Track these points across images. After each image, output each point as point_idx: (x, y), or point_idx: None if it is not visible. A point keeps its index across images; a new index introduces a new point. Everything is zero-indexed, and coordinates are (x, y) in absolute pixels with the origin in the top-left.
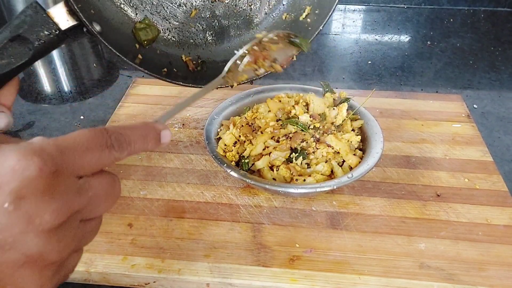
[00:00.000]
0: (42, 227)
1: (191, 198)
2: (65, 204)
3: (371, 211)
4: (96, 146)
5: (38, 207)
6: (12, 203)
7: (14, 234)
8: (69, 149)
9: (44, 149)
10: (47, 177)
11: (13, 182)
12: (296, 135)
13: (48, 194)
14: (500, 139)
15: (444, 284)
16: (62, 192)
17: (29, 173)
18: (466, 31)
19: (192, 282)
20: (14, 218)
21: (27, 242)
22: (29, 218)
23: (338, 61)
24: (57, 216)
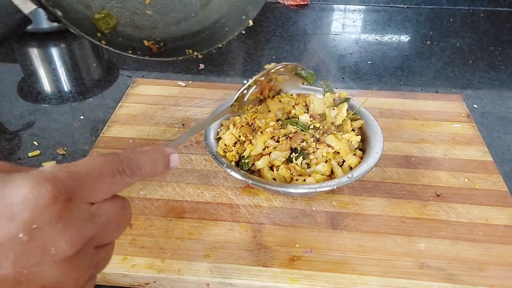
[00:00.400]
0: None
1: (191, 198)
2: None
3: (371, 211)
4: (108, 173)
5: (53, 236)
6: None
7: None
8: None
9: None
10: (61, 205)
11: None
12: (296, 135)
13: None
14: (500, 139)
15: (444, 284)
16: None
17: (43, 201)
18: (466, 31)
19: (192, 282)
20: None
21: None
22: (44, 248)
23: (338, 61)
24: (72, 244)
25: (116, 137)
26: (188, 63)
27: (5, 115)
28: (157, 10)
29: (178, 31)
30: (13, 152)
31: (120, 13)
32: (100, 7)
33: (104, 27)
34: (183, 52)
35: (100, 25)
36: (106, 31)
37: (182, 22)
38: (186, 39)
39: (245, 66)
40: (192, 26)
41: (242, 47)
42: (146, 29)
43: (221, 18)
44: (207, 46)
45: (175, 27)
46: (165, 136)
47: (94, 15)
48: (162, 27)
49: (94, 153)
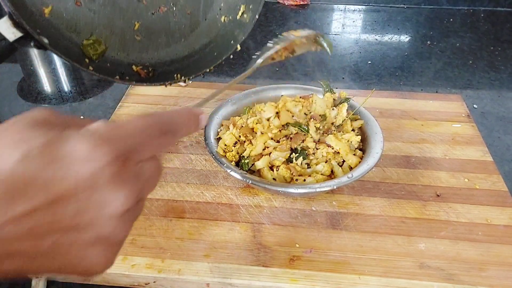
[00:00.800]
0: (113, 212)
1: (191, 198)
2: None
3: (371, 211)
4: (154, 133)
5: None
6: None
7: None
8: (133, 137)
9: (112, 138)
10: (118, 165)
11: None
12: (296, 136)
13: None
14: (500, 139)
15: (444, 284)
16: (129, 179)
17: (103, 162)
18: (466, 31)
19: (192, 282)
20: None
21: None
22: (101, 204)
23: (338, 61)
24: (126, 201)
25: None
26: None
27: (5, 115)
28: (146, 35)
29: (167, 56)
30: None
31: (109, 38)
32: (89, 33)
33: (92, 52)
34: (171, 76)
35: (88, 51)
36: (94, 57)
37: (171, 47)
38: (175, 63)
39: (245, 66)
40: (181, 50)
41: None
42: (134, 54)
43: (210, 42)
44: (195, 71)
45: (164, 51)
46: None
47: (83, 41)
48: (151, 52)
49: None
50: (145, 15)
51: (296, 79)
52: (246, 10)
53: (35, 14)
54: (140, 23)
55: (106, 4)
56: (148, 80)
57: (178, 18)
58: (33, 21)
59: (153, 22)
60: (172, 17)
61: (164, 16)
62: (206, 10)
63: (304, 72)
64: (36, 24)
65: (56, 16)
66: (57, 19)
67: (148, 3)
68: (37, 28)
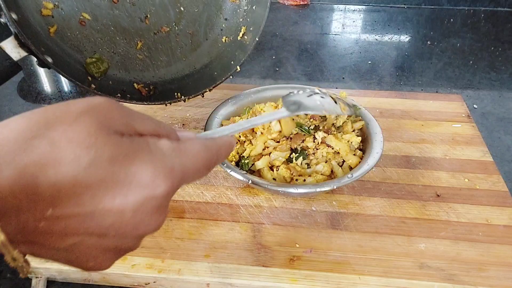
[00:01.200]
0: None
1: (191, 198)
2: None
3: (371, 211)
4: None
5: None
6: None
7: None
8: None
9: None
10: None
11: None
12: (296, 136)
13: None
14: (500, 139)
15: (444, 284)
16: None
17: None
18: (466, 31)
19: (192, 282)
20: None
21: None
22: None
23: (338, 61)
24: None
25: None
26: None
27: (5, 115)
28: (148, 54)
29: (168, 74)
30: None
31: (111, 57)
32: (92, 52)
33: (95, 71)
34: (172, 95)
35: (91, 69)
36: (97, 74)
37: (173, 66)
38: (176, 82)
39: (245, 66)
40: (182, 69)
41: None
42: (136, 72)
43: (210, 62)
44: (195, 90)
45: (165, 70)
46: None
47: (86, 59)
48: (153, 70)
49: None
50: (147, 34)
51: (296, 79)
52: (247, 32)
53: (41, 34)
54: (142, 42)
55: (110, 24)
56: (149, 98)
57: (180, 38)
58: (38, 40)
59: (155, 42)
60: (174, 37)
61: (166, 36)
62: (207, 30)
63: (304, 72)
64: (41, 44)
65: (61, 36)
66: (62, 38)
67: (151, 23)
68: (42, 47)
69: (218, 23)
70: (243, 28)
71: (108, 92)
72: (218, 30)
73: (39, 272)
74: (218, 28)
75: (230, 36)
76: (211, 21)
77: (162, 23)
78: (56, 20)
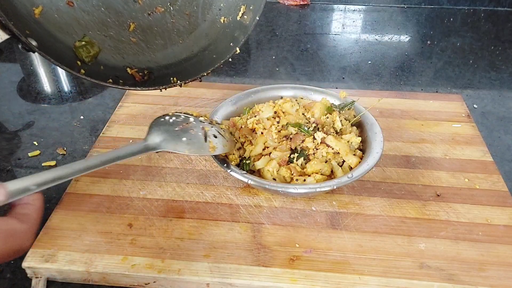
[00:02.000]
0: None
1: (191, 198)
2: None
3: (371, 211)
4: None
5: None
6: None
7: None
8: None
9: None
10: None
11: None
12: (296, 136)
13: None
14: (500, 139)
15: (444, 284)
16: None
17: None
18: (466, 31)
19: (192, 282)
20: None
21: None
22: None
23: (338, 61)
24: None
25: (116, 137)
26: None
27: (5, 115)
28: (142, 37)
29: (164, 59)
30: (13, 152)
31: (102, 40)
32: (81, 35)
33: (85, 55)
34: (167, 80)
35: (81, 53)
36: (87, 59)
37: (169, 49)
38: (172, 67)
39: (245, 66)
40: (179, 53)
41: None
42: (130, 56)
43: (209, 44)
44: (192, 74)
45: (161, 54)
46: None
47: (75, 42)
48: (147, 54)
49: (94, 153)
50: (141, 16)
51: (296, 79)
52: (246, 11)
53: (24, 15)
54: (135, 24)
55: (100, 4)
56: (143, 84)
57: (176, 19)
58: (22, 22)
59: (149, 24)
60: (169, 18)
61: (161, 17)
62: (205, 10)
63: (304, 72)
64: (25, 26)
65: (47, 17)
66: (48, 20)
67: (144, 4)
68: (26, 30)
69: (216, 3)
70: (242, 7)
71: (100, 77)
72: (216, 10)
73: (39, 272)
74: (216, 7)
75: (229, 16)
76: (209, 0)
77: (157, 3)
78: (42, 1)
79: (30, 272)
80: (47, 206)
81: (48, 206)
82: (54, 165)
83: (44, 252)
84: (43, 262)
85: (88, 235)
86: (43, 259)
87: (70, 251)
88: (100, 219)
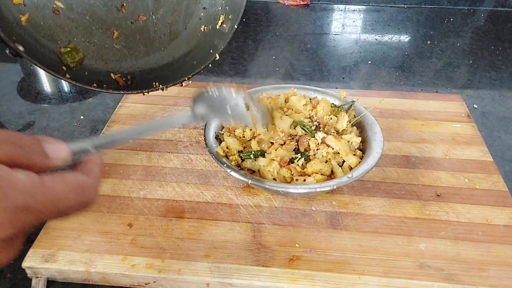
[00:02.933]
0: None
1: (191, 198)
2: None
3: (371, 211)
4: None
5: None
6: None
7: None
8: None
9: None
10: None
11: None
12: (301, 138)
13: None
14: (500, 139)
15: (444, 284)
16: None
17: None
18: (466, 31)
19: (192, 282)
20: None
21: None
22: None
23: (338, 61)
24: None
25: None
26: None
27: (5, 115)
28: (125, 44)
29: (147, 64)
30: None
31: (87, 47)
32: (67, 41)
33: (70, 60)
34: (150, 85)
35: (66, 59)
36: (72, 64)
37: (151, 55)
38: (154, 72)
39: (245, 66)
40: (160, 59)
41: (242, 47)
42: (113, 62)
43: (189, 51)
44: (174, 79)
45: (144, 60)
46: (165, 136)
47: (60, 48)
48: (130, 60)
49: None
50: (124, 24)
51: (296, 79)
52: (225, 20)
53: (12, 22)
54: (119, 31)
55: (85, 13)
56: (126, 88)
57: (158, 27)
58: (9, 28)
59: (132, 31)
60: (152, 26)
61: (144, 25)
62: (186, 19)
63: (303, 72)
64: (13, 32)
65: (33, 24)
66: (34, 27)
67: (128, 12)
68: (14, 36)
69: (197, 12)
70: (222, 16)
71: (84, 82)
72: (197, 19)
73: (39, 272)
74: (196, 17)
75: (209, 25)
76: (190, 10)
77: (139, 12)
78: (28, 9)
79: (30, 272)
80: None
81: None
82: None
83: (44, 252)
84: (43, 262)
85: (88, 235)
86: (43, 259)
87: (70, 251)
88: (100, 219)
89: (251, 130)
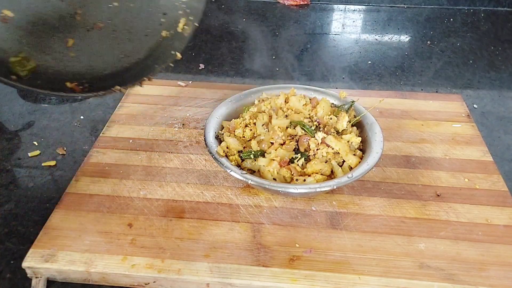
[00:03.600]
0: None
1: (191, 198)
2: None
3: (371, 211)
4: None
5: None
6: None
7: None
8: None
9: None
10: None
11: None
12: (301, 138)
13: None
14: (500, 139)
15: (444, 284)
16: None
17: None
18: (466, 31)
19: (192, 282)
20: None
21: None
22: None
23: (338, 61)
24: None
25: (116, 137)
26: (188, 63)
27: (5, 115)
28: (81, 51)
29: (105, 71)
30: (13, 152)
31: (40, 56)
32: (17, 51)
33: (21, 69)
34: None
35: (16, 68)
36: (22, 73)
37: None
38: (114, 78)
39: (245, 66)
40: (120, 65)
41: (242, 47)
42: (69, 69)
43: (150, 55)
44: (133, 81)
45: (102, 67)
46: (165, 136)
47: (10, 58)
48: (88, 68)
49: (94, 153)
50: (79, 31)
51: (296, 79)
52: (186, 22)
53: None
54: (74, 39)
55: (36, 21)
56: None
57: (117, 34)
58: None
59: (89, 39)
60: (110, 33)
61: (101, 32)
62: (146, 25)
63: (304, 72)
64: None
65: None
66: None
67: (83, 19)
68: None
69: (157, 18)
70: (183, 19)
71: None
72: (157, 24)
73: (39, 272)
74: (157, 22)
75: (170, 30)
76: (150, 16)
77: (96, 19)
78: None
79: (30, 272)
80: (47, 206)
81: (48, 206)
82: (54, 165)
83: (44, 252)
84: (43, 262)
85: (88, 235)
86: (43, 259)
87: (70, 251)
88: (100, 219)
89: (251, 130)
